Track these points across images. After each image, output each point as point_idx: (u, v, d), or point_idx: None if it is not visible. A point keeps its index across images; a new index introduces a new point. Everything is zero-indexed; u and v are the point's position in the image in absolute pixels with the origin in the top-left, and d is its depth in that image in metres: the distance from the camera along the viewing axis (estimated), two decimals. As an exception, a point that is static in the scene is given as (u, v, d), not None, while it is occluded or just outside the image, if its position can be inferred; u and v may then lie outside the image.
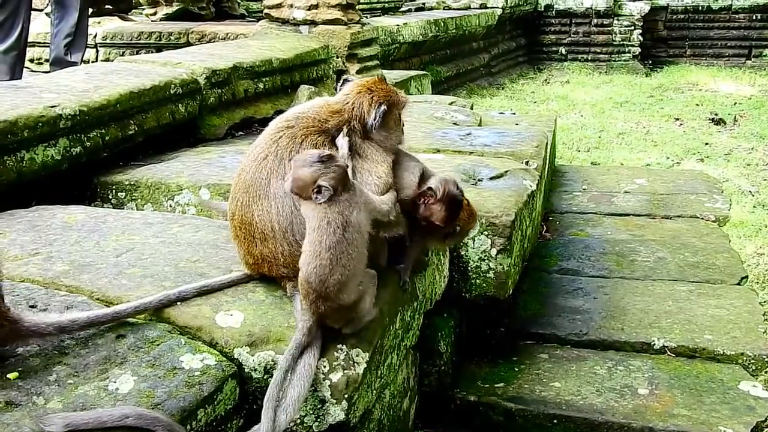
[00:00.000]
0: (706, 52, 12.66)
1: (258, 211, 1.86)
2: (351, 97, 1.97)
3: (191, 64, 3.71)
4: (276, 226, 1.84)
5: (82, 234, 2.27)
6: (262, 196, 1.86)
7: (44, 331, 1.63)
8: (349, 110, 1.95)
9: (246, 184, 1.89)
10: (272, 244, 1.86)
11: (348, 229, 1.71)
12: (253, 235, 1.88)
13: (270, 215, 1.84)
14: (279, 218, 1.84)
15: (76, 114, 2.86)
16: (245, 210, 1.88)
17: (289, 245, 1.84)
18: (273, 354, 1.75)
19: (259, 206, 1.86)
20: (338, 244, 1.70)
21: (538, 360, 2.73)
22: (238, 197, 1.91)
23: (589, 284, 3.36)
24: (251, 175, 1.88)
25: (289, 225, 1.83)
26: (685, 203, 4.52)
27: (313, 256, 1.71)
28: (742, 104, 8.87)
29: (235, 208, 1.92)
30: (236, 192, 1.93)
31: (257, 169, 1.88)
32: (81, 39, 5.32)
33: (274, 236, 1.85)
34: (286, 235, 1.84)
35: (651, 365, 2.69)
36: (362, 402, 1.81)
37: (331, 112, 1.95)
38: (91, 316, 1.72)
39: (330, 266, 1.69)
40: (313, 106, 2.00)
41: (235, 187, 1.94)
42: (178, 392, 1.56)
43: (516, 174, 3.01)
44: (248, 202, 1.88)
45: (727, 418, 2.37)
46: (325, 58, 4.71)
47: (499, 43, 11.89)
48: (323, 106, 1.98)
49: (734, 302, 3.14)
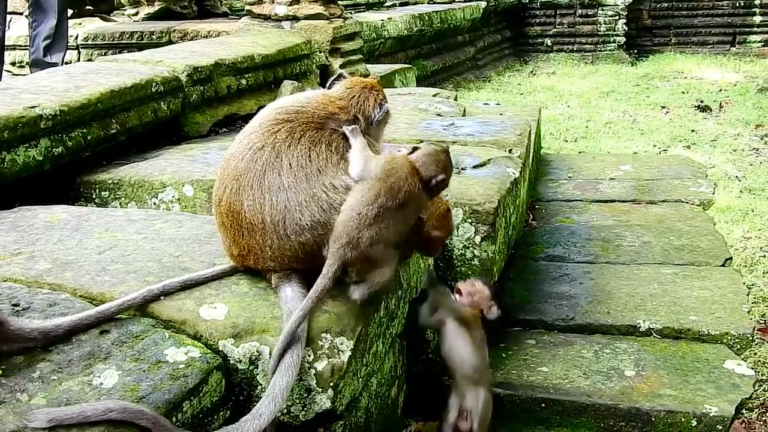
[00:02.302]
0: (690, 40, 12.73)
1: (248, 201, 1.85)
2: (355, 93, 2.03)
3: (173, 62, 3.71)
4: (267, 218, 1.84)
5: (65, 233, 2.27)
6: (255, 186, 1.85)
7: (29, 336, 1.63)
8: (355, 105, 2.00)
9: (238, 171, 1.87)
10: (260, 236, 1.85)
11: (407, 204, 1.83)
12: (240, 225, 1.87)
13: (262, 207, 1.84)
14: (272, 211, 1.83)
15: (57, 114, 2.85)
16: (234, 198, 1.87)
17: (279, 238, 1.84)
18: (258, 345, 1.76)
19: (250, 196, 1.85)
20: (391, 209, 1.80)
21: (525, 346, 2.75)
22: (227, 183, 1.89)
23: (575, 270, 3.39)
24: (245, 164, 1.87)
25: (282, 219, 1.83)
26: (669, 188, 4.56)
27: (363, 205, 1.78)
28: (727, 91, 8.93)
29: (223, 195, 1.90)
30: (225, 178, 1.90)
31: (252, 158, 1.87)
32: (61, 40, 5.30)
33: (263, 228, 1.84)
34: (276, 228, 1.84)
35: (637, 347, 2.72)
36: (348, 390, 1.83)
37: (338, 108, 1.99)
38: (74, 319, 1.71)
39: (374, 221, 1.77)
40: (313, 100, 2.01)
41: (224, 172, 1.92)
42: (163, 385, 1.57)
43: (499, 162, 3.03)
44: (238, 189, 1.86)
45: (713, 396, 2.41)
46: (307, 53, 4.71)
47: (484, 36, 11.92)
48: (326, 101, 2.00)
49: (718, 283, 3.18)
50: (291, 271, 1.89)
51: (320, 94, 2.06)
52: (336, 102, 2.00)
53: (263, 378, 1.76)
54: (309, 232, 1.85)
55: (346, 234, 1.78)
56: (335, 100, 2.01)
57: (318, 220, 1.85)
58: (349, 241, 1.77)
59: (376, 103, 2.04)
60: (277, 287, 1.88)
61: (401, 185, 1.82)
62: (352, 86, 2.06)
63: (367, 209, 1.79)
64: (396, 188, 1.82)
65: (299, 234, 1.84)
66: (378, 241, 1.78)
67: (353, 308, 1.87)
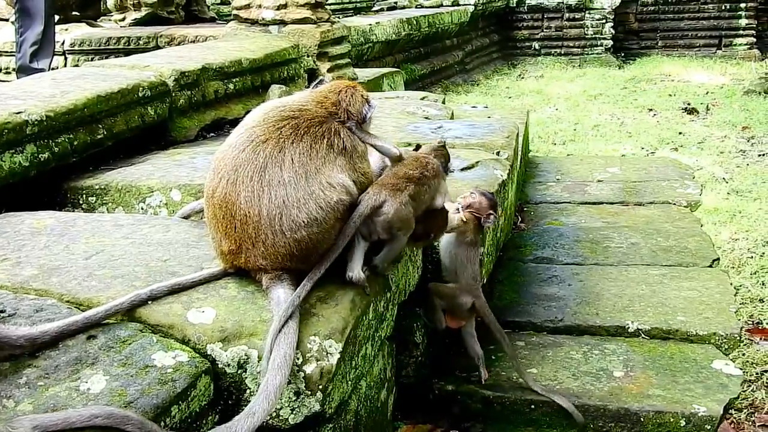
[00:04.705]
0: (677, 43, 12.83)
1: (245, 192, 1.84)
2: (341, 91, 2.06)
3: (159, 67, 3.70)
4: (264, 211, 1.83)
5: (51, 238, 2.26)
6: (255, 178, 1.84)
7: (15, 343, 1.63)
8: (345, 102, 2.03)
9: (237, 162, 1.86)
10: (254, 229, 1.84)
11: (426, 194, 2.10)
12: (234, 217, 1.86)
13: (260, 199, 1.83)
14: (269, 205, 1.83)
15: (43, 120, 2.84)
16: (231, 188, 1.85)
17: (273, 234, 1.83)
18: (246, 349, 1.76)
19: (249, 187, 1.84)
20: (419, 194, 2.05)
21: (514, 347, 2.76)
22: (224, 174, 1.87)
23: (563, 272, 3.41)
24: (246, 155, 1.86)
25: (279, 215, 1.83)
26: (657, 190, 4.59)
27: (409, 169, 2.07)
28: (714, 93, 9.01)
29: (218, 186, 1.88)
30: (222, 167, 1.89)
31: (254, 150, 1.86)
32: (48, 46, 5.29)
33: (258, 221, 1.83)
34: (272, 223, 1.83)
35: (626, 348, 2.73)
36: (337, 393, 1.83)
37: (333, 105, 2.02)
38: (61, 325, 1.70)
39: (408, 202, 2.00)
40: (311, 99, 2.04)
41: (221, 163, 1.90)
42: (151, 390, 1.57)
43: (487, 164, 3.04)
44: (236, 180, 1.85)
45: (701, 396, 2.42)
46: (295, 58, 4.72)
47: (472, 40, 11.96)
48: (322, 100, 2.03)
49: (706, 284, 3.21)
50: (283, 271, 1.89)
51: (313, 94, 2.08)
52: (331, 99, 2.03)
53: (252, 382, 1.76)
54: (305, 229, 1.85)
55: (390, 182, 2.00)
56: (328, 97, 2.04)
57: (315, 217, 1.85)
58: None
59: (364, 100, 2.07)
60: (269, 288, 1.88)
61: (433, 164, 2.13)
62: (336, 86, 2.09)
63: (412, 172, 2.05)
64: (431, 167, 2.11)
65: (295, 231, 1.84)
66: (407, 218, 2.01)
67: (342, 311, 1.88)
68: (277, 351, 1.69)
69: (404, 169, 2.08)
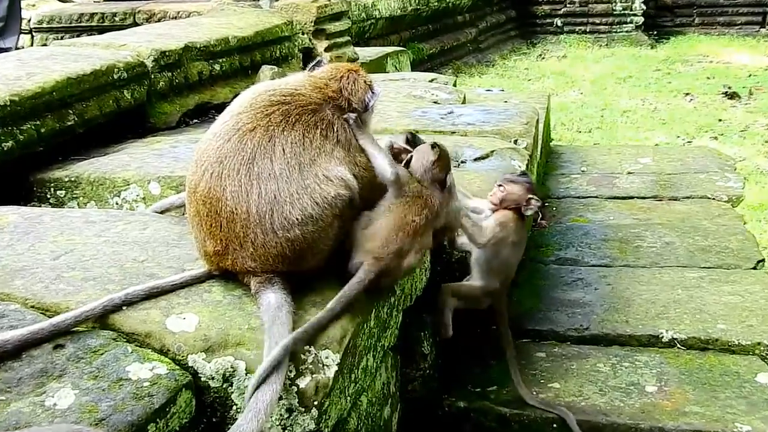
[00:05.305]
0: (716, 20, 12.81)
1: (232, 187, 1.82)
2: (343, 75, 2.06)
3: (137, 46, 3.71)
4: (253, 208, 1.81)
5: (15, 236, 2.26)
6: (242, 171, 1.82)
7: None
8: (346, 89, 2.03)
9: (222, 153, 1.85)
10: (241, 228, 1.83)
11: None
12: (219, 214, 1.84)
13: (248, 195, 1.81)
14: (259, 201, 1.81)
15: (7, 104, 2.85)
16: (215, 183, 1.84)
17: (263, 233, 1.82)
18: (232, 360, 1.75)
19: (236, 181, 1.82)
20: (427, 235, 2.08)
21: (534, 359, 2.75)
22: (208, 167, 1.86)
23: (589, 274, 3.39)
24: (232, 145, 1.85)
25: (269, 211, 1.81)
26: (694, 183, 4.58)
27: (413, 215, 2.04)
28: (758, 76, 8.99)
29: (201, 179, 1.87)
30: (205, 159, 1.87)
31: (240, 139, 1.85)
32: (14, 23, 5.31)
33: (247, 219, 1.82)
34: (262, 221, 1.82)
35: (659, 360, 2.72)
36: (335, 410, 1.82)
37: (332, 91, 2.02)
38: (25, 333, 1.69)
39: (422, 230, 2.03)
40: (306, 82, 2.03)
41: (204, 154, 1.89)
42: (125, 405, 1.56)
43: (503, 154, 3.03)
44: (221, 174, 1.84)
45: (744, 413, 2.40)
46: (288, 35, 4.72)
47: (487, 16, 11.96)
48: (319, 83, 2.02)
49: (749, 288, 3.18)
50: (274, 274, 1.87)
51: (310, 77, 2.06)
52: (330, 85, 2.02)
53: (239, 397, 1.75)
54: (299, 227, 1.83)
55: (394, 241, 1.95)
56: (327, 82, 2.03)
57: (310, 214, 1.84)
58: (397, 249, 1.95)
59: (367, 86, 2.07)
60: (258, 293, 1.86)
61: (435, 197, 2.08)
62: (337, 69, 2.08)
63: (415, 220, 2.01)
64: (432, 201, 2.07)
65: (288, 229, 1.83)
66: (421, 249, 2.05)
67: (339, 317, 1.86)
68: (267, 362, 1.68)
69: (409, 216, 2.01)
